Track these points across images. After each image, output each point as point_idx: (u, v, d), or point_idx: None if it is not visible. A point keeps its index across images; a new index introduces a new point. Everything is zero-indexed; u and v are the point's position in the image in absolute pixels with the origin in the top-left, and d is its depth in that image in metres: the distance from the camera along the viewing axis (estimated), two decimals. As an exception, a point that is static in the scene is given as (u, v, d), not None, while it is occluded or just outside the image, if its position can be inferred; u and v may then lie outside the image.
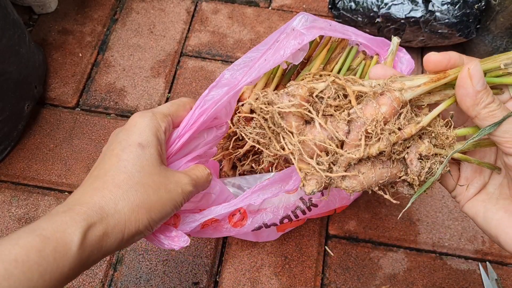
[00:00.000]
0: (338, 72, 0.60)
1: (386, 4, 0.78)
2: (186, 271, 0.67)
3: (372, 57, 0.62)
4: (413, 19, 0.78)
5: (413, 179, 0.36)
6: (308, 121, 0.36)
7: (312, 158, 0.35)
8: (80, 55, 0.87)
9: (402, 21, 0.78)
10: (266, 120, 0.37)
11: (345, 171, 0.35)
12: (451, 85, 0.36)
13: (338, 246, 0.69)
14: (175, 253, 0.68)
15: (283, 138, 0.36)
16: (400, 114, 0.35)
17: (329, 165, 0.35)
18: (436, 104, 0.36)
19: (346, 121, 0.34)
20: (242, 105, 0.59)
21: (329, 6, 0.86)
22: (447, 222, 0.71)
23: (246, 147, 0.62)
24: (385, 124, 0.34)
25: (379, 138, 0.34)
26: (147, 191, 0.37)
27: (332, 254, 0.68)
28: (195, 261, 0.67)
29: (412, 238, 0.70)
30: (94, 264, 0.36)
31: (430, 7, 0.77)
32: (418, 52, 0.88)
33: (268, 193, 0.49)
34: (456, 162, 0.39)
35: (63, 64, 0.86)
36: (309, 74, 0.38)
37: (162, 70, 0.86)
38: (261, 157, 0.66)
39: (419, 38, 0.81)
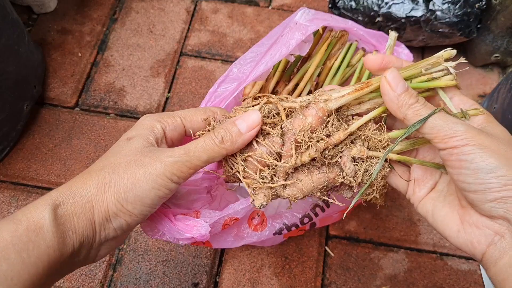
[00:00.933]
0: (338, 68, 0.60)
1: (386, 3, 0.78)
2: (186, 272, 0.66)
3: (371, 53, 0.62)
4: (413, 18, 0.77)
5: (350, 180, 0.38)
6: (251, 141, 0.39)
7: (256, 173, 0.38)
8: (80, 54, 0.87)
9: (403, 20, 0.78)
10: None
11: (285, 180, 0.38)
12: (380, 93, 0.38)
13: (339, 247, 0.69)
14: (175, 254, 0.68)
15: (229, 159, 0.39)
16: (327, 123, 0.38)
17: (271, 177, 0.38)
18: (368, 112, 0.40)
19: (279, 134, 0.38)
20: (244, 100, 0.59)
21: (330, 6, 0.86)
22: (448, 222, 0.70)
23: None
24: (312, 133, 0.37)
25: (308, 146, 0.37)
26: (116, 170, 0.35)
27: (332, 254, 0.68)
28: (195, 262, 0.67)
29: (413, 239, 0.69)
30: (78, 257, 0.35)
31: (430, 6, 0.76)
32: (419, 51, 0.88)
33: None
34: (406, 164, 0.41)
35: (62, 64, 0.86)
36: (249, 97, 0.41)
37: (162, 69, 0.86)
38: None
39: (419, 37, 0.81)
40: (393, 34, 0.59)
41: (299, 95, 0.60)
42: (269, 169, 0.38)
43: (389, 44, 0.60)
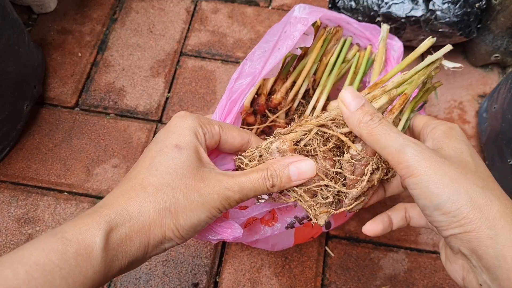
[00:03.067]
0: (334, 64, 0.61)
1: (386, 3, 0.78)
2: (186, 272, 0.66)
3: (366, 48, 0.63)
4: (413, 18, 0.77)
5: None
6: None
7: (315, 195, 0.38)
8: (80, 54, 0.87)
9: (403, 20, 0.78)
10: None
11: (354, 201, 0.39)
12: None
13: (339, 247, 0.69)
14: (174, 254, 0.68)
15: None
16: None
17: (333, 196, 0.39)
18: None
19: (352, 163, 0.37)
20: (244, 111, 0.59)
21: (329, 6, 0.86)
22: (448, 222, 0.70)
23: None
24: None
25: (378, 167, 0.38)
26: (175, 194, 0.34)
27: (332, 254, 0.68)
28: (195, 262, 0.67)
29: (413, 239, 0.69)
30: (121, 273, 0.34)
31: (430, 6, 0.76)
32: (418, 51, 0.88)
33: None
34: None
35: (62, 64, 0.86)
36: (295, 123, 0.41)
37: (162, 69, 0.86)
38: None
39: (419, 37, 0.81)
40: (385, 27, 0.60)
41: (298, 92, 0.60)
42: (327, 188, 0.38)
43: (382, 36, 0.61)
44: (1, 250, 0.67)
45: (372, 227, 0.39)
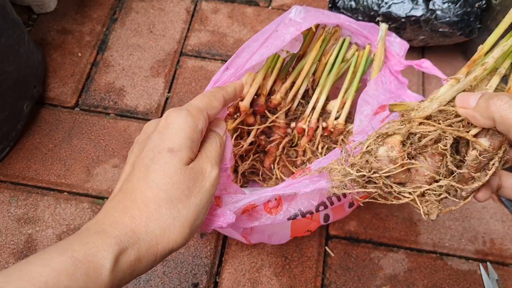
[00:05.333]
0: (333, 64, 0.61)
1: (386, 3, 0.78)
2: (186, 272, 0.66)
3: (364, 48, 0.63)
4: (413, 18, 0.77)
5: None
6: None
7: (423, 195, 0.40)
8: (80, 54, 0.87)
9: (403, 20, 0.78)
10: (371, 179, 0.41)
11: (468, 196, 0.39)
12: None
13: (339, 247, 0.69)
14: (174, 254, 0.68)
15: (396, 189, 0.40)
16: None
17: (442, 192, 0.39)
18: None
19: (478, 160, 0.37)
20: (242, 100, 0.59)
21: (329, 5, 0.86)
22: (448, 222, 0.70)
23: (246, 146, 0.62)
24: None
25: (501, 161, 0.37)
26: (176, 206, 0.35)
27: (332, 254, 0.68)
28: (195, 262, 0.67)
29: (413, 239, 0.69)
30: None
31: (430, 6, 0.76)
32: (419, 51, 0.88)
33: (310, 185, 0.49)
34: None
35: (62, 64, 0.86)
36: (396, 121, 0.40)
37: (162, 69, 0.86)
38: (262, 156, 0.66)
39: (420, 37, 0.81)
40: (384, 26, 0.61)
41: (297, 92, 0.60)
42: (437, 183, 0.39)
43: (380, 36, 0.61)
44: (1, 250, 0.67)
45: (486, 195, 0.39)
